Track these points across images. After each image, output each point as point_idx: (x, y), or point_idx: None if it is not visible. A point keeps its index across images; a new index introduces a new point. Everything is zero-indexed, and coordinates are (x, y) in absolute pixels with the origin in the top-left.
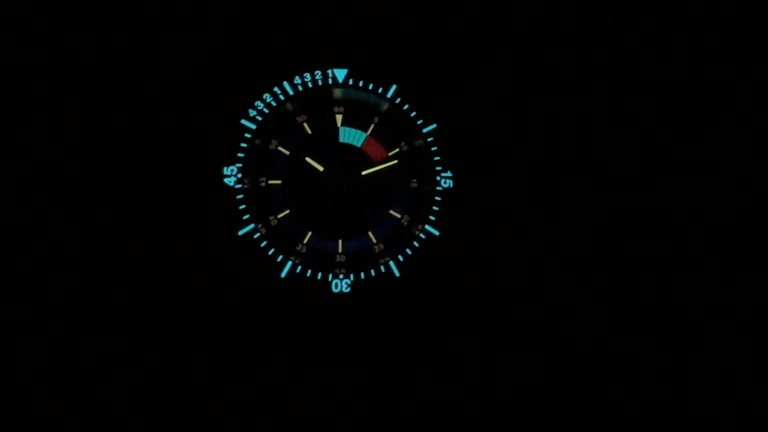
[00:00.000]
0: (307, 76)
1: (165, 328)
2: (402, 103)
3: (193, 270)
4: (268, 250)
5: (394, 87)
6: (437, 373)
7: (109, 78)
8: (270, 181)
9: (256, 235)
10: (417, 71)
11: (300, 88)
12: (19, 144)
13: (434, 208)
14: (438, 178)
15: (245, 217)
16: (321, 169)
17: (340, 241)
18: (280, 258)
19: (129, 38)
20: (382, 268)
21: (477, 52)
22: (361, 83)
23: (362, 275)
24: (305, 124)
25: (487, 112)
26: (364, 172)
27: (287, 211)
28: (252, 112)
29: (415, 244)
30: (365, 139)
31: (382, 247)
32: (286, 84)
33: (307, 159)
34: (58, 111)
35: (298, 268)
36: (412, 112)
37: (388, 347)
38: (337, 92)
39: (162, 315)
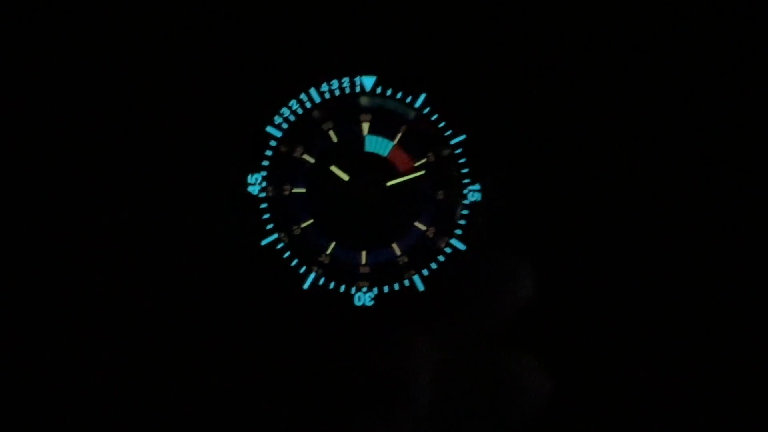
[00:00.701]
0: (335, 84)
1: (186, 336)
2: (431, 113)
3: (215, 279)
4: (291, 261)
5: (423, 96)
6: (459, 388)
7: (136, 84)
8: (294, 190)
9: (280, 245)
10: (447, 80)
11: (327, 95)
12: (33, 147)
13: (461, 221)
14: (465, 190)
15: (269, 227)
16: (346, 178)
17: (363, 253)
18: (303, 269)
19: (155, 44)
20: (406, 282)
21: (508, 62)
22: (389, 91)
23: (386, 288)
24: (331, 132)
25: (518, 123)
26: (389, 183)
27: (311, 221)
28: (278, 119)
29: (440, 258)
30: (392, 148)
31: (406, 259)
32: (312, 91)
33: (332, 168)
34: (75, 113)
35: (321, 280)
36: (440, 121)
37: (411, 361)
38: (365, 100)
39: (184, 324)
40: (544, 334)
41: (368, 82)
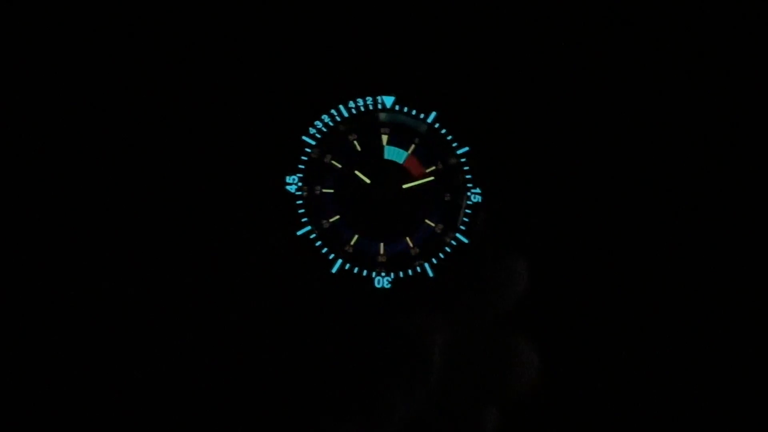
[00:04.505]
0: (360, 102)
1: (230, 314)
2: (440, 128)
3: (257, 265)
4: (321, 249)
5: (433, 114)
6: (463, 361)
7: (196, 102)
8: (324, 190)
9: (312, 236)
10: (454, 101)
11: (353, 111)
12: (93, 151)
13: (465, 219)
14: (468, 193)
15: (303, 220)
16: (368, 181)
17: (382, 245)
18: (331, 256)
19: (213, 69)
20: (418, 269)
21: (508, 88)
22: (405, 109)
23: (401, 274)
24: (355, 142)
25: (514, 138)
26: (404, 186)
27: (338, 217)
28: (312, 131)
29: (447, 249)
30: (407, 157)
31: (418, 251)
32: (341, 107)
33: (356, 172)
34: (144, 124)
35: (347, 266)
36: (448, 135)
37: (422, 336)
38: (384, 116)
39: (227, 304)
40: (539, 317)
41: (388, 101)
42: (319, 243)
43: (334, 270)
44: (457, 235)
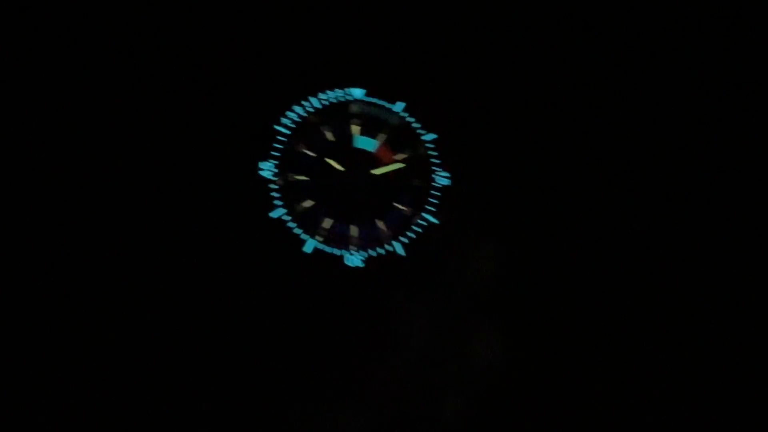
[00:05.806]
0: (332, 94)
1: (205, 293)
2: (408, 117)
3: (234, 245)
4: (296, 229)
5: (402, 104)
6: (434, 337)
7: (172, 92)
8: (298, 177)
9: (288, 219)
10: (421, 92)
11: (326, 102)
12: (66, 142)
13: (433, 201)
14: (436, 177)
15: (279, 203)
16: (341, 168)
17: (355, 227)
18: (305, 237)
19: (190, 60)
20: (390, 249)
21: (473, 77)
22: (375, 100)
23: (373, 253)
24: (328, 132)
25: (478, 125)
26: (375, 172)
27: (312, 202)
28: (287, 121)
29: (418, 230)
30: (377, 145)
31: (389, 232)
32: (314, 99)
33: (329, 160)
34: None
35: (320, 246)
36: (416, 124)
37: (394, 313)
38: (356, 107)
39: (202, 283)
40: (507, 299)
41: (359, 93)
42: (294, 225)
43: (307, 250)
44: (427, 216)
